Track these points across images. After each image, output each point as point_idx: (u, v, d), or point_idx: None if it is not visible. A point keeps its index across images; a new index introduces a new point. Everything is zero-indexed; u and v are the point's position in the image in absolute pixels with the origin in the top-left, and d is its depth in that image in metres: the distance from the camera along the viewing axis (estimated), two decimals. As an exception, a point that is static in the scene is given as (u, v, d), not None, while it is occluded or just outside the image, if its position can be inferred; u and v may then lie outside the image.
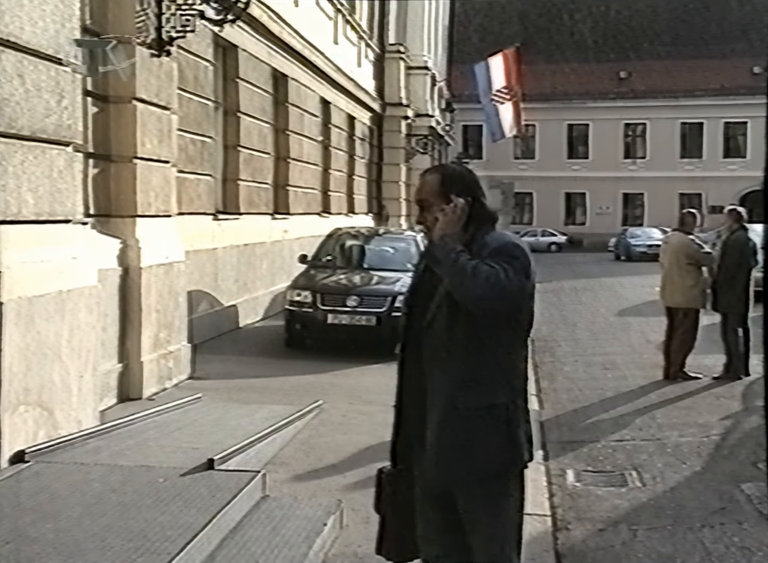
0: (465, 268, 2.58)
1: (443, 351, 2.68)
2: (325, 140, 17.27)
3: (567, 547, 4.43)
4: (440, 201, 2.74)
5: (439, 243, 2.68)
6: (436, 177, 2.82)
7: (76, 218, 5.54)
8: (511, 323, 2.70)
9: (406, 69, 24.56)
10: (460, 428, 2.65)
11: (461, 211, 2.70)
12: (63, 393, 5.17)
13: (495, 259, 2.61)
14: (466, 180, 2.82)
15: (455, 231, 2.68)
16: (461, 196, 2.73)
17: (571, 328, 13.43)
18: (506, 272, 2.58)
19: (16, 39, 4.56)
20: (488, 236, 2.73)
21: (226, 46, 11.46)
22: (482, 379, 2.67)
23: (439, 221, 2.71)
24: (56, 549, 3.41)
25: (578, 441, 6.55)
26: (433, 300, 2.73)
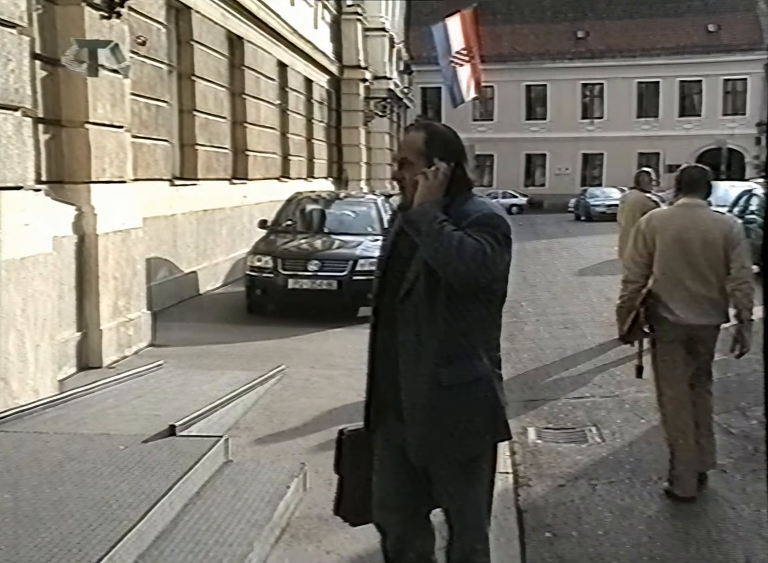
0: (450, 241, 2.44)
1: (424, 323, 2.56)
2: (283, 104, 17.07)
3: (528, 503, 4.50)
4: (422, 162, 2.59)
5: (420, 210, 2.53)
6: (420, 135, 2.64)
7: (27, 184, 5.43)
8: (489, 294, 2.62)
9: (364, 31, 24.29)
10: (446, 405, 2.57)
11: (443, 177, 2.57)
12: (19, 362, 5.10)
13: (477, 229, 2.49)
14: (451, 142, 2.67)
15: (437, 196, 2.55)
16: (444, 159, 2.59)
17: (532, 289, 13.53)
18: (490, 245, 2.48)
19: (-43, -1, 4.41)
20: (468, 203, 2.60)
21: (179, 7, 11.22)
22: (464, 353, 2.58)
23: (420, 185, 2.56)
24: (15, 518, 3.38)
25: (539, 400, 6.63)
26: (410, 268, 2.59)
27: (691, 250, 4.39)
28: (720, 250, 4.37)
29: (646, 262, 4.50)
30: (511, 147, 45.30)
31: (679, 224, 4.46)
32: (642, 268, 4.51)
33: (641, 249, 4.52)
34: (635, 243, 4.58)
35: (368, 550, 3.67)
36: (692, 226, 4.42)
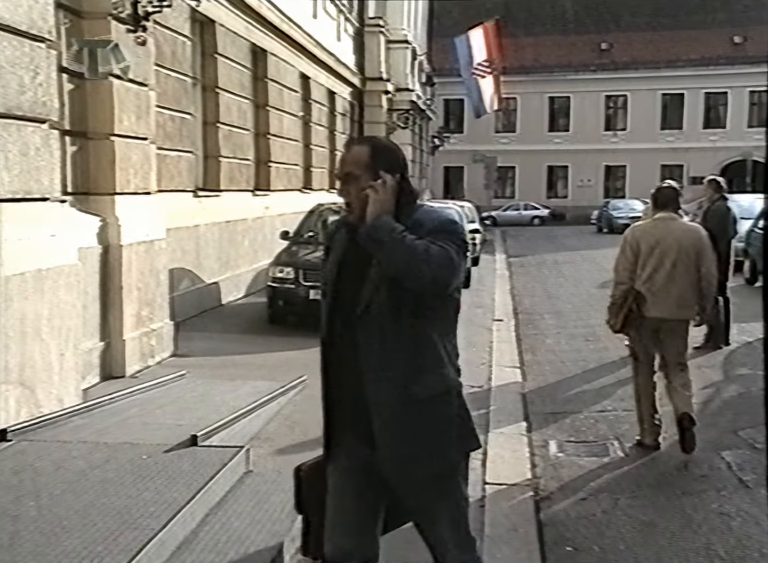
0: (416, 248, 2.40)
1: (389, 338, 2.49)
2: (306, 116, 17.16)
3: (549, 517, 4.47)
4: (368, 175, 2.52)
5: (378, 223, 2.45)
6: (365, 149, 2.58)
7: (53, 196, 5.49)
8: (450, 301, 2.59)
9: (386, 43, 24.38)
10: (419, 419, 2.51)
11: (392, 189, 2.52)
12: (44, 371, 5.15)
13: (437, 236, 2.46)
14: (395, 155, 2.62)
15: (390, 209, 2.49)
16: (390, 172, 2.53)
17: (554, 301, 13.50)
18: (455, 250, 2.46)
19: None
20: (418, 213, 2.56)
21: (204, 21, 11.33)
22: (432, 364, 2.53)
23: (371, 199, 2.48)
24: (38, 526, 3.42)
25: (561, 413, 6.60)
26: (365, 284, 2.51)
27: (668, 255, 5.36)
28: (692, 253, 5.37)
29: (632, 267, 5.44)
30: (533, 159, 45.23)
31: (657, 234, 5.41)
32: (629, 272, 5.45)
33: (628, 255, 5.47)
34: (623, 250, 5.53)
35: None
36: (668, 235, 5.38)
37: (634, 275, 5.41)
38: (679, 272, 5.35)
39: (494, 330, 10.35)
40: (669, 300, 5.34)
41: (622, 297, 5.43)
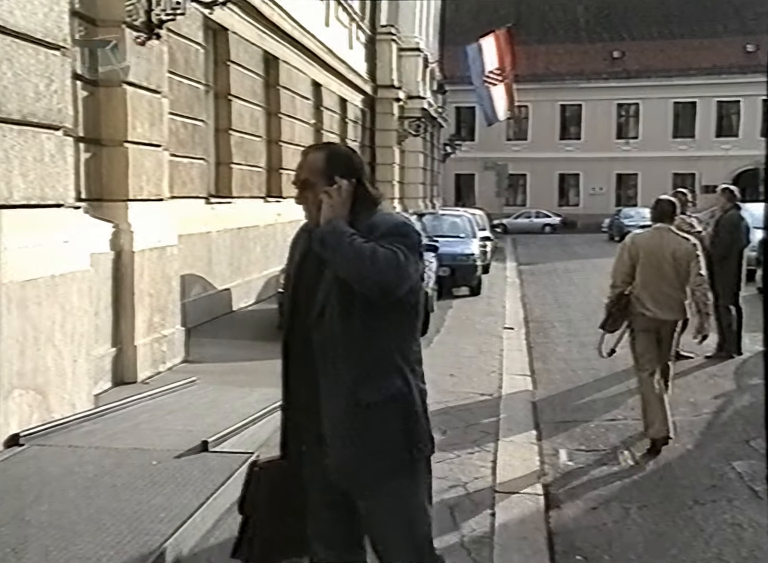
0: (362, 251, 2.40)
1: (339, 343, 2.50)
2: (318, 123, 17.21)
3: (559, 525, 4.46)
4: (323, 181, 2.55)
5: (328, 227, 2.48)
6: (320, 155, 2.61)
7: (67, 202, 5.53)
8: (405, 306, 2.56)
9: (398, 51, 24.45)
10: (362, 425, 2.50)
11: (346, 193, 2.54)
12: (57, 377, 5.18)
13: (388, 239, 2.46)
14: (350, 160, 2.64)
15: (343, 213, 2.51)
16: (345, 177, 2.56)
17: (564, 309, 13.47)
18: (403, 253, 2.44)
19: (4, 23, 4.54)
20: (374, 217, 2.56)
21: (217, 28, 11.39)
22: (382, 370, 2.52)
23: (324, 204, 2.51)
24: (51, 531, 3.44)
25: (571, 421, 6.58)
26: (319, 289, 2.54)
27: (662, 262, 5.83)
28: (684, 262, 5.84)
29: (629, 272, 5.93)
30: (544, 166, 45.21)
31: (654, 243, 5.91)
32: (625, 276, 5.95)
33: (626, 261, 5.97)
34: (621, 256, 6.03)
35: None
36: (664, 244, 5.88)
37: (629, 279, 5.93)
38: (671, 278, 5.86)
39: (505, 338, 10.34)
40: (663, 303, 5.86)
41: (616, 298, 5.98)
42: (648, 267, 5.85)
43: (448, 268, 13.69)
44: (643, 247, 5.93)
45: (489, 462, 5.33)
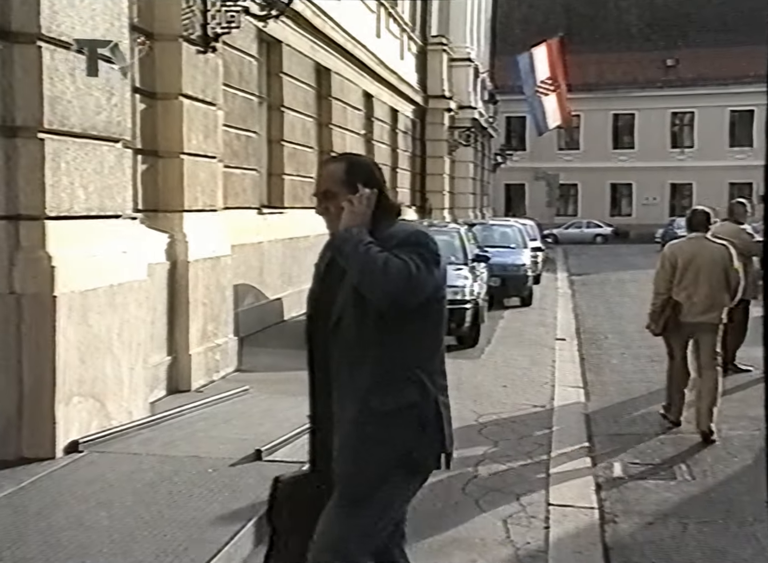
0: (376, 261, 2.42)
1: (355, 350, 2.51)
2: (368, 134, 17.29)
3: (615, 540, 4.39)
4: (345, 190, 2.56)
5: (346, 234, 2.50)
6: (341, 165, 2.63)
7: (125, 213, 5.64)
8: (421, 315, 2.53)
9: (449, 61, 24.47)
10: (372, 428, 2.48)
11: (368, 201, 2.55)
12: (115, 384, 5.27)
13: (403, 249, 2.46)
14: (371, 170, 2.66)
15: (363, 222, 2.52)
16: (367, 186, 2.57)
17: (618, 320, 13.29)
18: (416, 264, 2.43)
19: (68, 38, 4.65)
20: (393, 227, 2.58)
21: (270, 41, 11.52)
22: (396, 378, 2.51)
23: (345, 211, 2.53)
24: (111, 536, 3.50)
25: (625, 434, 6.49)
26: (339, 296, 2.55)
27: (701, 269, 6.31)
28: (720, 267, 6.32)
29: (670, 278, 6.38)
30: (596, 176, 44.75)
31: (692, 251, 6.39)
32: (667, 283, 6.40)
33: (667, 269, 6.44)
34: (662, 265, 6.51)
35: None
36: (701, 252, 6.36)
37: (671, 286, 6.38)
38: (710, 283, 6.30)
39: (557, 350, 10.24)
40: (701, 306, 6.29)
41: (661, 305, 6.42)
42: (687, 273, 6.33)
43: (498, 278, 13.62)
44: (682, 255, 6.41)
45: (542, 475, 5.28)
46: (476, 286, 10.72)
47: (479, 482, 5.12)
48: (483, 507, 4.69)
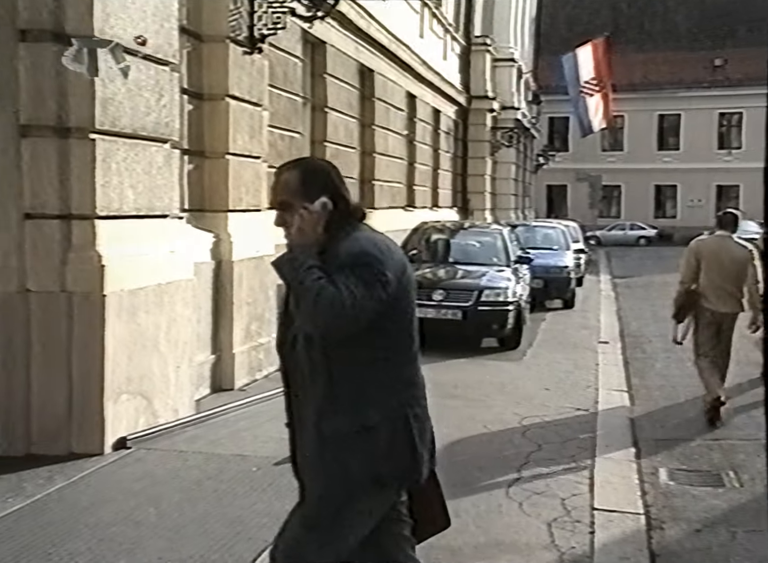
0: (310, 291, 2.29)
1: (305, 373, 2.44)
2: (411, 134, 17.28)
3: (662, 547, 4.33)
4: (301, 201, 2.42)
5: (287, 257, 2.39)
6: (296, 174, 2.48)
7: (172, 213, 5.71)
8: (376, 335, 2.41)
9: (492, 61, 24.35)
10: (330, 454, 2.41)
11: (318, 216, 2.41)
12: (161, 383, 5.34)
13: (343, 273, 2.32)
14: (328, 176, 2.51)
15: (312, 239, 2.39)
16: (322, 195, 2.43)
17: (662, 324, 13.05)
18: (351, 292, 2.28)
19: (119, 40, 4.72)
20: (346, 240, 2.41)
21: (315, 42, 11.57)
22: (347, 401, 2.40)
23: (293, 228, 2.41)
24: (159, 532, 3.54)
25: (671, 439, 6.40)
26: (293, 322, 2.46)
27: (723, 263, 6.86)
28: (741, 264, 6.84)
29: (695, 271, 6.93)
30: (640, 178, 44.22)
31: (715, 248, 6.97)
32: (692, 275, 6.96)
33: (692, 263, 6.98)
34: (688, 259, 7.06)
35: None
36: (725, 249, 6.92)
37: (696, 277, 6.93)
38: (731, 278, 6.84)
39: (600, 353, 10.14)
40: (723, 298, 6.85)
41: (684, 294, 7.01)
42: (711, 268, 6.88)
43: (541, 280, 13.53)
44: (706, 250, 7.00)
45: (586, 479, 5.23)
46: (519, 288, 10.66)
47: (523, 485, 5.09)
48: (527, 510, 4.66)
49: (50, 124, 4.61)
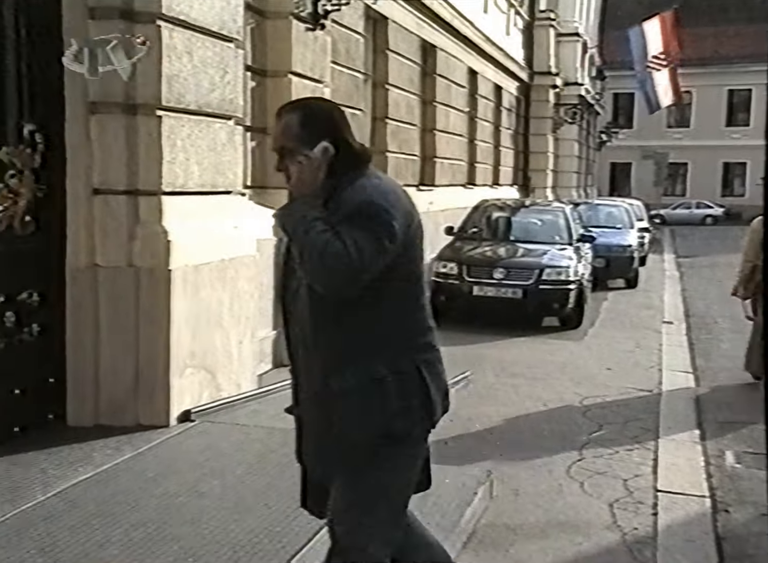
0: (314, 246, 2.17)
1: (310, 325, 2.31)
2: (472, 111, 17.13)
3: (728, 530, 4.26)
4: (301, 146, 2.28)
5: (288, 209, 2.27)
6: (295, 117, 2.32)
7: (236, 189, 5.76)
8: (378, 286, 2.25)
9: (556, 36, 23.91)
10: (333, 412, 2.30)
11: (319, 163, 2.27)
12: (224, 357, 5.41)
13: (348, 224, 2.19)
14: (330, 118, 2.36)
15: (313, 187, 2.27)
16: (324, 139, 2.29)
17: (729, 305, 12.73)
18: (358, 247, 2.16)
19: (186, 17, 4.76)
20: (350, 188, 2.27)
21: (377, 17, 11.51)
22: (354, 354, 2.29)
23: (293, 178, 2.28)
24: (223, 504, 3.60)
25: (738, 422, 6.27)
26: (296, 272, 2.33)
27: None
28: None
29: (758, 248, 6.97)
30: (707, 155, 43.14)
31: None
32: (756, 252, 7.05)
33: (756, 240, 7.11)
34: (752, 236, 7.27)
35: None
36: None
37: (759, 254, 6.93)
38: None
39: (664, 333, 9.98)
40: None
41: (750, 271, 7.18)
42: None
43: (603, 259, 13.37)
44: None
45: (650, 460, 5.17)
46: (580, 267, 10.54)
47: (584, 465, 5.06)
48: (588, 490, 4.63)
49: (118, 100, 4.68)
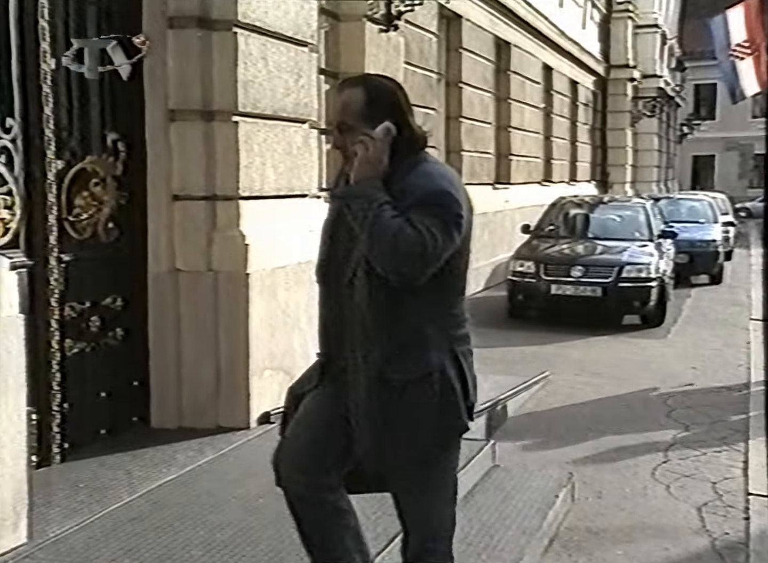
0: (386, 231, 2.12)
1: (367, 316, 2.24)
2: (547, 107, 16.93)
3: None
4: (363, 124, 2.21)
5: (355, 191, 2.19)
6: (359, 95, 2.24)
7: (311, 192, 5.80)
8: (438, 278, 2.23)
9: (634, 28, 23.44)
10: (393, 407, 2.25)
11: (383, 144, 2.19)
12: (302, 359, 5.43)
13: (420, 211, 2.14)
14: (395, 97, 2.28)
15: (378, 170, 2.19)
16: (387, 118, 2.21)
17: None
18: (433, 234, 2.13)
19: (261, 23, 4.81)
20: (414, 173, 2.22)
21: (450, 16, 11.48)
22: (413, 345, 2.25)
23: (357, 159, 2.19)
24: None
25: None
26: (352, 255, 2.25)
27: None
28: None
29: None
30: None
31: None
32: None
33: None
34: None
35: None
36: None
37: None
38: None
39: (752, 331, 9.65)
40: None
41: None
42: None
43: (686, 254, 13.08)
44: None
45: (740, 463, 5.01)
46: (662, 263, 10.31)
47: (670, 467, 4.94)
48: (674, 493, 4.51)
49: (196, 108, 4.75)
